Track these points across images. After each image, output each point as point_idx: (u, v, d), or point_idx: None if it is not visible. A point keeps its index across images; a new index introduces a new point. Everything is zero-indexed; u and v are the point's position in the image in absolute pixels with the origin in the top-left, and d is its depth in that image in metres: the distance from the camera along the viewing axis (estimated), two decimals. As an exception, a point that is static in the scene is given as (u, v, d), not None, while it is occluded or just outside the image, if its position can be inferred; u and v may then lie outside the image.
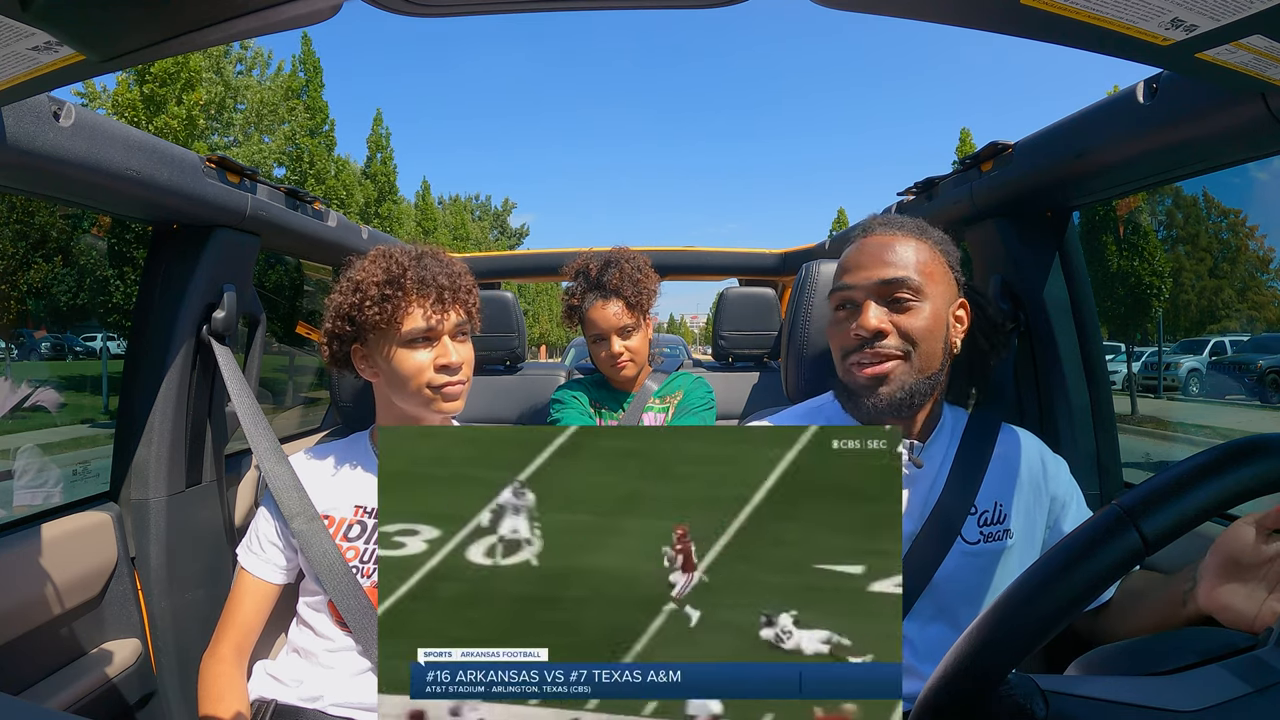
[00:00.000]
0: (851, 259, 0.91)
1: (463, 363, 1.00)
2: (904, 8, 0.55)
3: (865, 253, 0.90)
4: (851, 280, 0.89)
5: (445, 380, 0.99)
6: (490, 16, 0.57)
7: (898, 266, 0.87)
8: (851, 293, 0.89)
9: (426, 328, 0.98)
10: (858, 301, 0.89)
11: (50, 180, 0.96)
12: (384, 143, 17.73)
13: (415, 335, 0.98)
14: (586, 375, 1.67)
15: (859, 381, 0.88)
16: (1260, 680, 0.46)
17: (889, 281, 0.87)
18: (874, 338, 0.86)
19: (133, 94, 10.69)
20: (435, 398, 0.99)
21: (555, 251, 2.41)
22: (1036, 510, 0.94)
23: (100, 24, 0.50)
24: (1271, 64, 0.56)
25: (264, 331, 1.45)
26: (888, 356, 0.86)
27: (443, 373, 0.99)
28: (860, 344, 0.88)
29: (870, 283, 0.88)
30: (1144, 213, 10.97)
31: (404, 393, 1.00)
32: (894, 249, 0.89)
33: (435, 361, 0.99)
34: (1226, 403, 9.90)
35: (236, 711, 0.93)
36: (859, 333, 0.87)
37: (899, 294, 0.87)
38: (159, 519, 1.24)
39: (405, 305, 0.97)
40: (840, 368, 0.92)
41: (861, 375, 0.88)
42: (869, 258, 0.89)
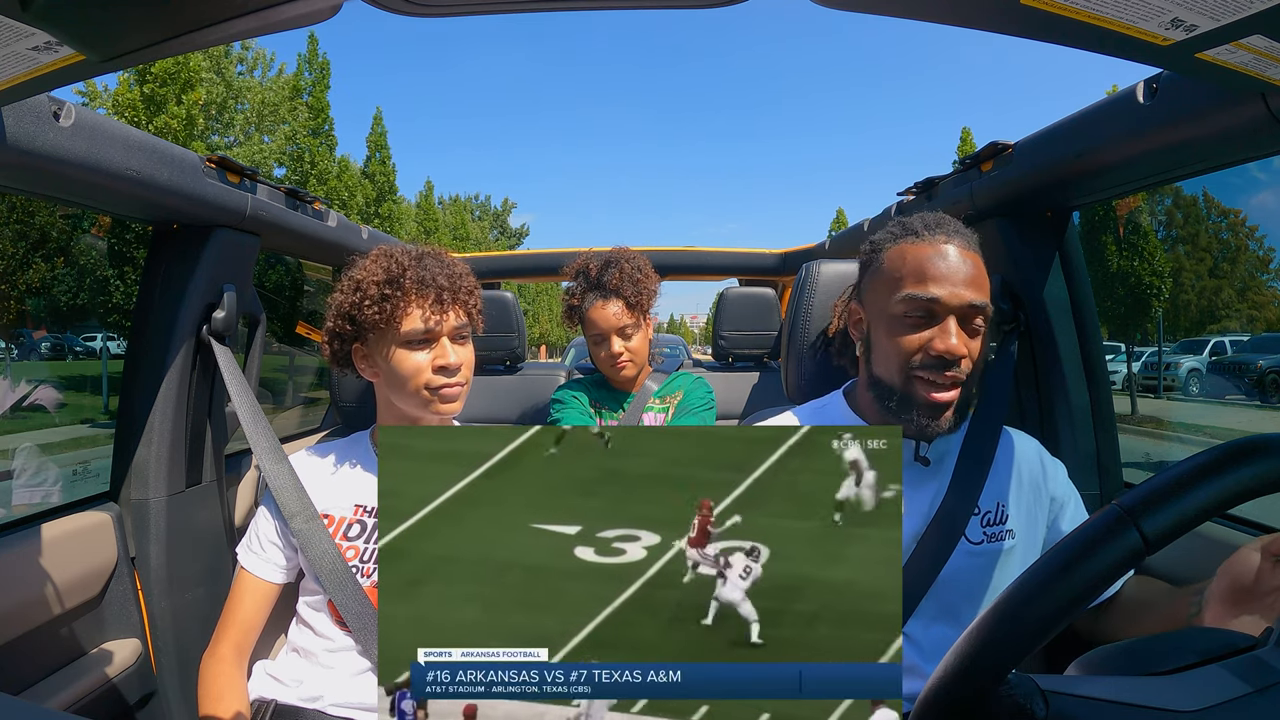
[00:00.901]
0: (935, 267, 0.85)
1: (461, 364, 1.00)
2: (904, 8, 0.55)
3: (951, 264, 0.85)
4: (938, 293, 0.84)
5: (443, 382, 0.98)
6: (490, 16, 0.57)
7: (982, 290, 0.84)
8: (935, 305, 0.84)
9: (425, 329, 0.97)
10: (940, 316, 0.84)
11: (50, 180, 0.95)
12: (383, 142, 17.73)
13: (414, 336, 0.97)
14: (586, 375, 1.67)
15: (925, 402, 0.84)
16: (1260, 680, 0.46)
17: (975, 306, 0.84)
18: (955, 362, 0.83)
19: (133, 94, 10.69)
20: (433, 399, 0.99)
21: (555, 251, 2.41)
22: (1037, 510, 0.95)
23: (100, 24, 0.50)
24: (1271, 64, 0.56)
25: (264, 331, 1.45)
26: (957, 382, 0.84)
27: (440, 374, 0.98)
28: (938, 363, 0.83)
29: (960, 302, 0.83)
30: (1144, 213, 10.97)
31: (402, 393, 1.00)
32: (976, 268, 0.85)
33: (433, 362, 0.98)
34: (1226, 403, 9.91)
35: (236, 711, 0.93)
36: (943, 353, 0.83)
37: (977, 319, 0.85)
38: (159, 519, 1.24)
39: (404, 305, 0.97)
40: (900, 375, 0.86)
41: (929, 397, 0.84)
42: (955, 272, 0.84)
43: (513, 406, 1.93)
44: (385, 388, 1.03)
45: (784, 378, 1.24)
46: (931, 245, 0.86)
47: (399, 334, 0.97)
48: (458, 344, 1.01)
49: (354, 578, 0.98)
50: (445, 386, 0.99)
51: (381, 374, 1.02)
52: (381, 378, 1.02)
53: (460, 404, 1.01)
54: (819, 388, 1.14)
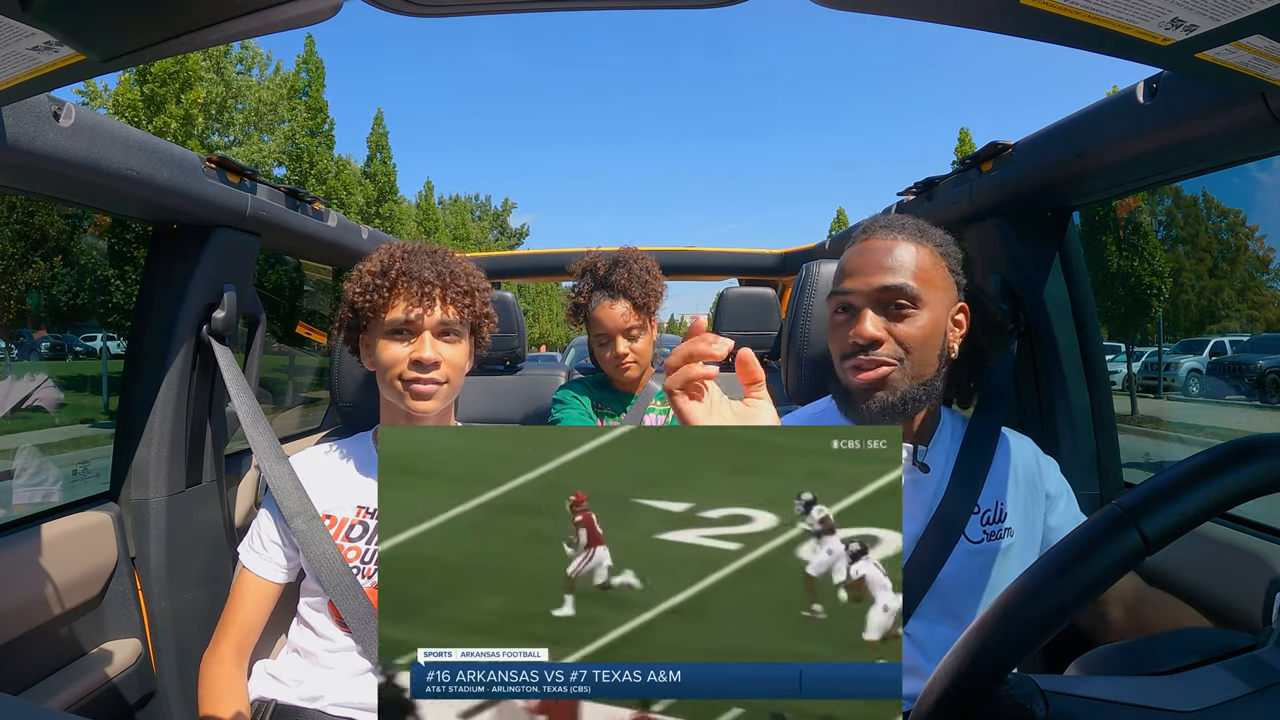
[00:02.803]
0: (852, 262, 0.91)
1: (439, 361, 0.98)
2: (904, 8, 0.55)
3: (865, 257, 0.90)
4: (851, 285, 0.89)
5: (415, 375, 0.98)
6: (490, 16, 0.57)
7: (896, 273, 0.87)
8: (850, 298, 0.89)
9: (405, 319, 0.98)
10: (856, 307, 0.89)
11: (50, 180, 0.96)
12: (384, 142, 17.74)
13: (395, 326, 0.98)
14: (588, 375, 1.66)
15: (855, 385, 0.89)
16: (1260, 680, 0.46)
17: (887, 288, 0.87)
18: (869, 345, 0.87)
19: (133, 94, 10.69)
20: (405, 393, 0.99)
21: (556, 251, 2.42)
22: (1034, 508, 0.96)
23: (100, 24, 0.50)
24: (1271, 64, 0.57)
25: (264, 331, 1.45)
26: (882, 363, 0.87)
27: (414, 368, 0.98)
28: (856, 350, 0.88)
29: (869, 289, 0.88)
30: (1144, 213, 10.96)
31: (383, 383, 1.02)
32: (893, 254, 0.88)
33: (410, 355, 0.98)
34: (1226, 403, 9.90)
35: (236, 711, 0.93)
36: (855, 340, 0.88)
37: (897, 300, 0.87)
38: (159, 519, 1.24)
39: (390, 295, 0.98)
40: (838, 369, 0.93)
41: (857, 379, 0.88)
42: (869, 263, 0.89)
43: (513, 407, 1.93)
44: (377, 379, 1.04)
45: (784, 378, 1.24)
46: (857, 245, 0.92)
47: (383, 323, 0.99)
48: (445, 341, 1.00)
49: (354, 578, 0.98)
50: (417, 381, 0.98)
51: (374, 364, 1.03)
52: (375, 369, 1.03)
53: (436, 403, 0.99)
54: (819, 388, 1.14)
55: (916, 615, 0.88)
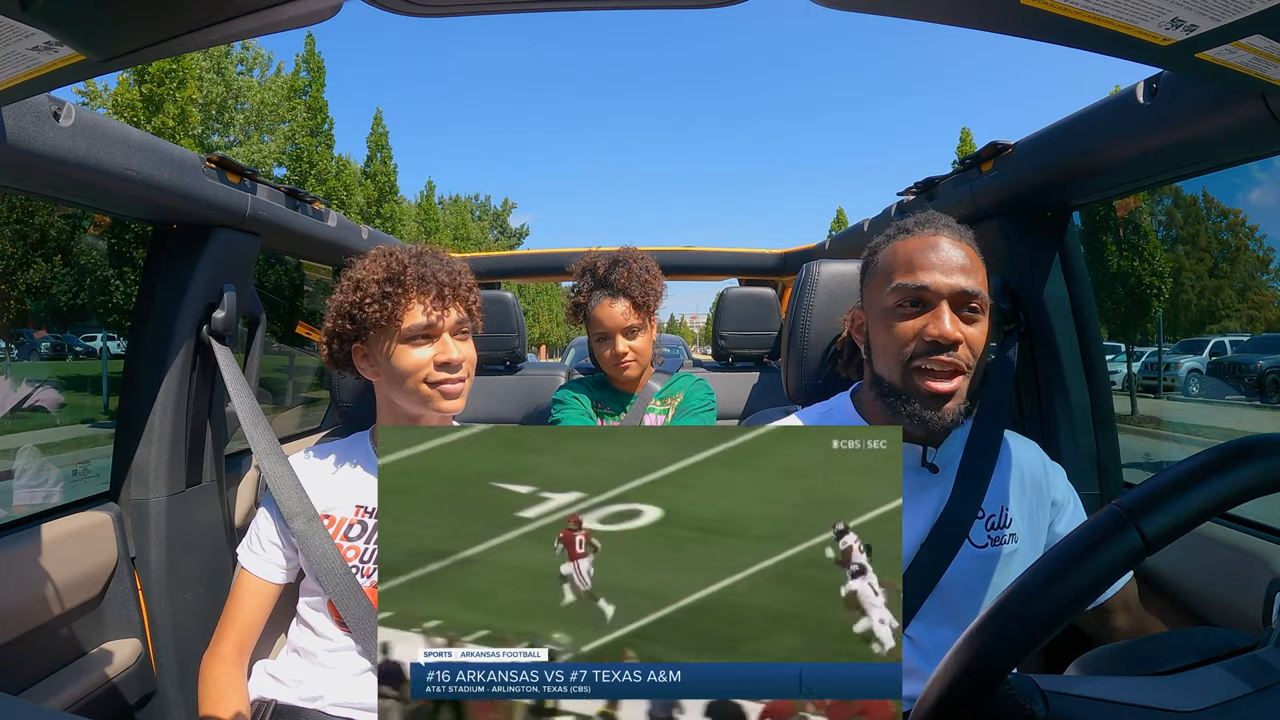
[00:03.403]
0: (922, 258, 0.85)
1: (463, 360, 1.00)
2: (904, 8, 0.55)
3: (941, 254, 0.85)
4: (929, 280, 0.84)
5: (444, 377, 0.99)
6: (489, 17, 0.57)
7: (971, 276, 0.84)
8: (924, 292, 0.84)
9: (426, 324, 0.98)
10: (932, 303, 0.84)
11: (50, 180, 0.95)
12: (384, 142, 17.73)
13: (415, 332, 0.98)
14: (588, 375, 1.66)
15: (924, 392, 0.83)
16: (1260, 680, 0.46)
17: (966, 292, 0.83)
18: (950, 346, 0.82)
19: (132, 94, 10.69)
20: (434, 395, 0.99)
21: (556, 251, 2.42)
22: (1039, 514, 0.95)
23: (100, 24, 0.50)
24: (1271, 64, 0.56)
25: (264, 331, 1.45)
26: (957, 370, 0.83)
27: (443, 370, 0.99)
28: (933, 349, 0.82)
29: (949, 289, 0.83)
30: (1144, 213, 10.95)
31: (402, 390, 1.00)
32: (969, 258, 0.86)
33: (435, 358, 0.98)
34: (1226, 403, 9.90)
35: (236, 711, 0.93)
36: (936, 338, 0.82)
37: (971, 305, 0.84)
38: (159, 519, 1.24)
39: (405, 302, 0.98)
40: (897, 370, 0.86)
41: (928, 386, 0.83)
42: (945, 261, 0.84)
43: (513, 407, 1.93)
44: (386, 386, 1.03)
45: (784, 378, 1.24)
46: (921, 239, 0.88)
47: (401, 330, 0.98)
48: (459, 340, 1.01)
49: (354, 578, 0.98)
50: (446, 382, 0.99)
51: (382, 372, 1.02)
52: (382, 376, 1.02)
53: (462, 401, 1.01)
54: (819, 388, 1.14)
55: (918, 618, 0.87)
